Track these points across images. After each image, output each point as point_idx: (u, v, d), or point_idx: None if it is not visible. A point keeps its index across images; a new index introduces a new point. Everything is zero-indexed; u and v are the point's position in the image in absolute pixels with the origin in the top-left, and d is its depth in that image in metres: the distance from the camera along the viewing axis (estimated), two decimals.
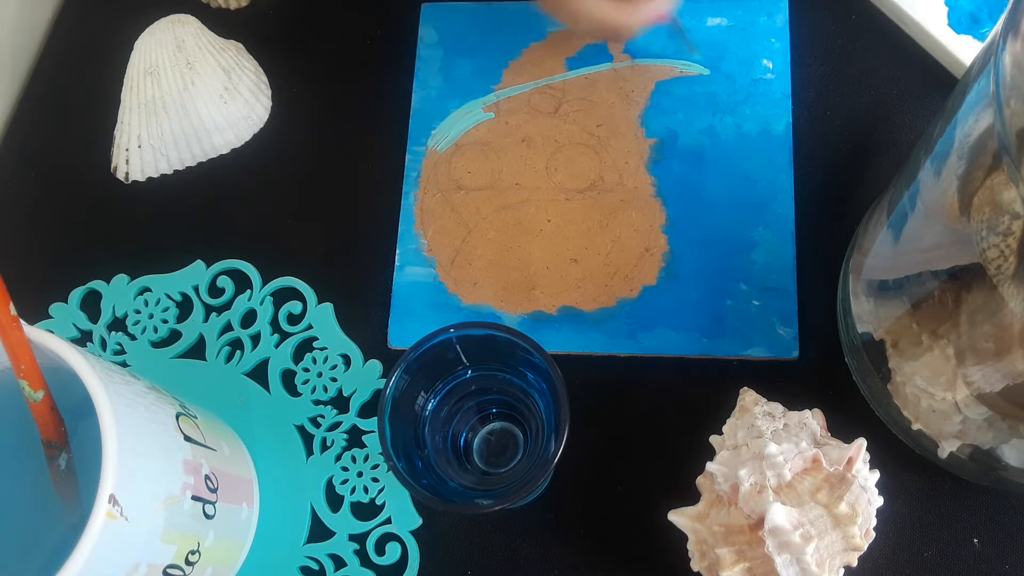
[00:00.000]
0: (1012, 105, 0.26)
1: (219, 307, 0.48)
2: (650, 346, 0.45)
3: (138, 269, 0.49)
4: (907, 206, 0.36)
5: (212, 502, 0.38)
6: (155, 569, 0.34)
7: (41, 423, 0.34)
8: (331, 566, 0.43)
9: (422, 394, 0.40)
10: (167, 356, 0.47)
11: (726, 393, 0.41)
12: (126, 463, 0.32)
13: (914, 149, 0.37)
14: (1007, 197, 0.28)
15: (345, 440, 0.45)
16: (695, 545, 0.38)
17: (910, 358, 0.38)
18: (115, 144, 0.52)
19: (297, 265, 0.49)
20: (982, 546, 0.41)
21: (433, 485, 0.38)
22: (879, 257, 0.40)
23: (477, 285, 0.47)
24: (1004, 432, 0.37)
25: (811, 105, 0.49)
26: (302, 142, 0.52)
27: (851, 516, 0.35)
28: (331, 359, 0.46)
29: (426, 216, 0.49)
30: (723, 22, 0.51)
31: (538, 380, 0.39)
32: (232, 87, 0.51)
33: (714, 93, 0.50)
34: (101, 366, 0.34)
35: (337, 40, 0.54)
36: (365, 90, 0.53)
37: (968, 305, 0.34)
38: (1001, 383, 0.34)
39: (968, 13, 0.49)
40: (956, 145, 0.31)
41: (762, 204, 0.47)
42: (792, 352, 0.44)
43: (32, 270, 0.50)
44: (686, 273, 0.46)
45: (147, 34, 0.51)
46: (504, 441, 0.43)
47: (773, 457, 0.36)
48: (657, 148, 0.49)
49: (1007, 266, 0.29)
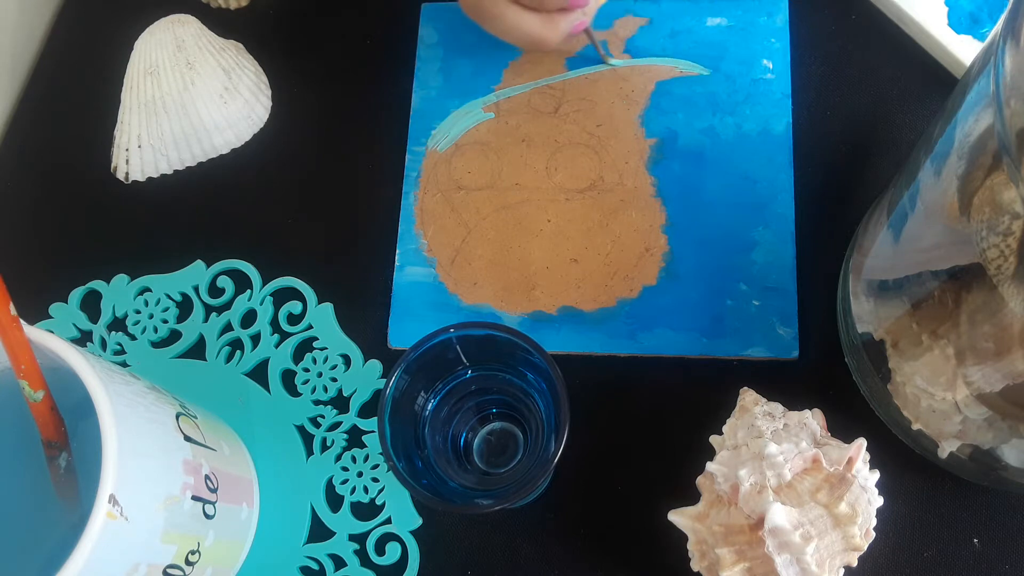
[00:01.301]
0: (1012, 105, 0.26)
1: (219, 307, 0.48)
2: (650, 346, 0.45)
3: (138, 269, 0.49)
4: (907, 206, 0.36)
5: (212, 502, 0.38)
6: (155, 569, 0.34)
7: (41, 423, 0.34)
8: (331, 566, 0.43)
9: (422, 394, 0.40)
10: (167, 356, 0.47)
11: (726, 393, 0.41)
12: (126, 463, 0.32)
13: (914, 149, 0.37)
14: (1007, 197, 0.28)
15: (345, 440, 0.45)
16: (695, 545, 0.38)
17: (910, 358, 0.38)
18: (115, 144, 0.52)
19: (297, 265, 0.49)
20: (982, 546, 0.41)
21: (433, 485, 0.38)
22: (879, 257, 0.40)
23: (477, 285, 0.47)
24: (1004, 432, 0.37)
25: (811, 105, 0.49)
26: (302, 142, 0.52)
27: (851, 516, 0.35)
28: (331, 359, 0.46)
29: (426, 216, 0.49)
30: (723, 22, 0.51)
31: (538, 380, 0.39)
32: (232, 87, 0.51)
33: (714, 93, 0.50)
34: (101, 366, 0.34)
35: (337, 40, 0.54)
36: (365, 90, 0.53)
37: (968, 305, 0.34)
38: (1001, 383, 0.34)
39: (968, 13, 0.49)
40: (956, 145, 0.31)
41: (762, 204, 0.47)
42: (792, 352, 0.44)
43: (32, 270, 0.50)
44: (686, 273, 0.46)
45: (147, 34, 0.51)
46: (504, 441, 0.43)
47: (773, 457, 0.36)
48: (657, 148, 0.49)
49: (1007, 266, 0.29)
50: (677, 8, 0.52)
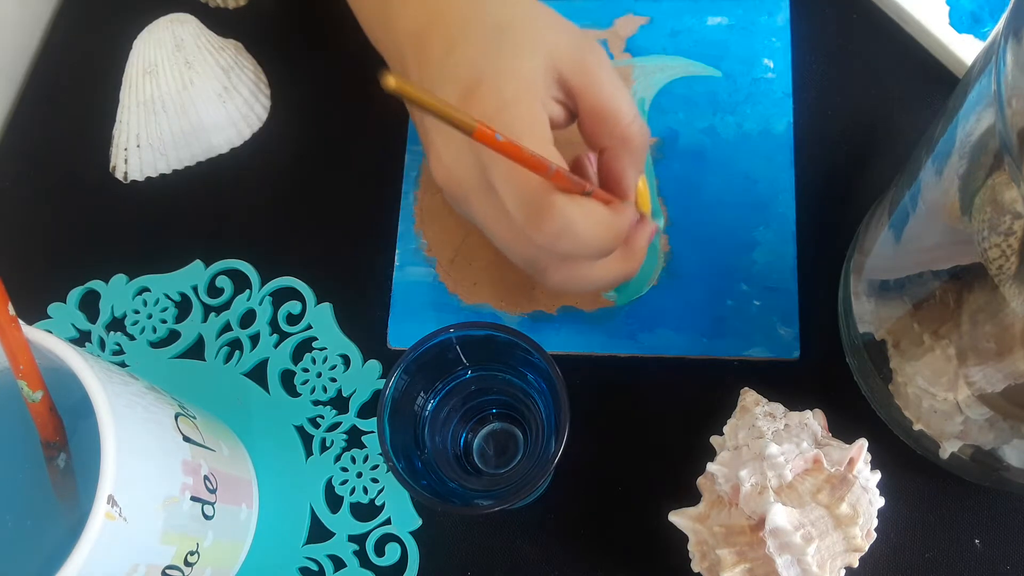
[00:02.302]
0: (1014, 104, 0.26)
1: (218, 307, 0.48)
2: (650, 346, 0.45)
3: (137, 269, 0.49)
4: (908, 206, 0.36)
5: (211, 503, 0.38)
6: (154, 570, 0.34)
7: (40, 423, 0.34)
8: (330, 567, 0.43)
9: (422, 394, 0.40)
10: (166, 356, 0.47)
11: (727, 393, 0.41)
12: (125, 464, 0.32)
13: (915, 149, 0.37)
14: (1008, 197, 0.28)
15: (344, 440, 0.45)
16: (696, 546, 0.38)
17: (911, 358, 0.38)
18: (114, 144, 0.52)
19: (296, 265, 0.48)
20: (983, 547, 0.41)
21: (433, 486, 0.38)
22: (880, 257, 0.40)
23: (477, 285, 0.47)
24: (1006, 432, 0.37)
25: (812, 104, 0.49)
26: (301, 141, 0.52)
27: (852, 517, 0.35)
28: (330, 359, 0.46)
29: (426, 216, 0.49)
30: (724, 21, 0.51)
31: (538, 380, 0.39)
32: (231, 86, 0.51)
33: (715, 92, 0.50)
34: (100, 366, 0.34)
35: (336, 39, 0.54)
36: (365, 90, 0.52)
37: (969, 305, 0.34)
38: (1003, 383, 0.34)
39: (969, 12, 0.49)
40: (957, 145, 0.31)
41: (763, 204, 0.47)
42: (793, 352, 0.44)
43: (31, 270, 0.50)
44: (687, 273, 0.46)
45: (146, 33, 0.51)
46: (504, 441, 0.43)
47: (774, 458, 0.36)
48: (658, 148, 0.49)
49: (1008, 266, 0.29)
50: (678, 7, 0.52)
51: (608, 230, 0.37)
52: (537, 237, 0.36)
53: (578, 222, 0.35)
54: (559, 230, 0.35)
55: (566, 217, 0.35)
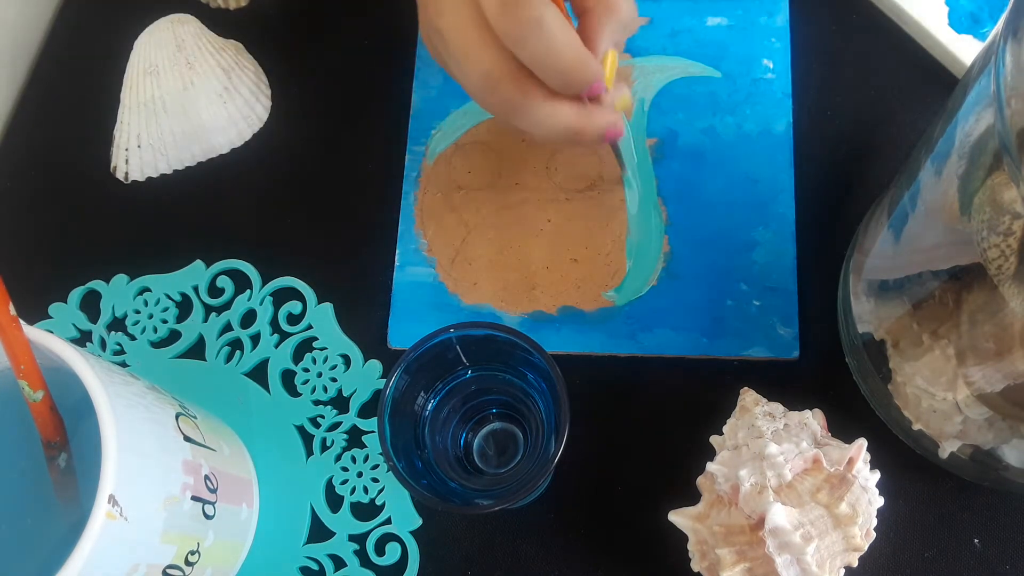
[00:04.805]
0: (1013, 105, 0.26)
1: (219, 307, 0.48)
2: (650, 346, 0.45)
3: (138, 269, 0.49)
4: (908, 206, 0.36)
5: (212, 502, 0.38)
6: (155, 569, 0.34)
7: (40, 423, 0.34)
8: (331, 566, 0.43)
9: (422, 394, 0.40)
10: (167, 356, 0.47)
11: (726, 393, 0.41)
12: (126, 463, 0.32)
13: (915, 149, 0.37)
14: (1008, 197, 0.28)
15: (345, 440, 0.45)
16: (695, 545, 0.38)
17: (911, 358, 0.38)
18: (115, 144, 0.52)
19: (297, 265, 0.49)
20: (983, 546, 0.41)
21: (433, 485, 0.38)
22: (880, 257, 0.40)
23: (477, 285, 0.47)
24: (1005, 432, 0.37)
25: (811, 105, 0.49)
26: (302, 142, 0.52)
27: (851, 516, 0.35)
28: (331, 359, 0.46)
29: (426, 216, 0.49)
30: (723, 22, 0.51)
31: (538, 380, 0.39)
32: (232, 87, 0.51)
33: (714, 93, 0.50)
34: (100, 366, 0.34)
35: (337, 39, 0.54)
36: (365, 90, 0.53)
37: (969, 305, 0.34)
38: (1002, 383, 0.34)
39: (969, 13, 0.49)
40: (957, 145, 0.31)
41: (762, 204, 0.47)
42: (792, 352, 0.44)
43: (32, 270, 0.50)
44: (686, 273, 0.46)
45: (147, 34, 0.51)
46: (504, 441, 0.43)
47: (773, 457, 0.36)
48: (657, 148, 0.49)
49: (1008, 266, 0.29)
50: (678, 8, 0.52)
51: (577, 51, 0.36)
52: (508, 25, 0.35)
53: (552, 21, 0.35)
54: (533, 19, 0.35)
55: (542, 10, 0.35)
